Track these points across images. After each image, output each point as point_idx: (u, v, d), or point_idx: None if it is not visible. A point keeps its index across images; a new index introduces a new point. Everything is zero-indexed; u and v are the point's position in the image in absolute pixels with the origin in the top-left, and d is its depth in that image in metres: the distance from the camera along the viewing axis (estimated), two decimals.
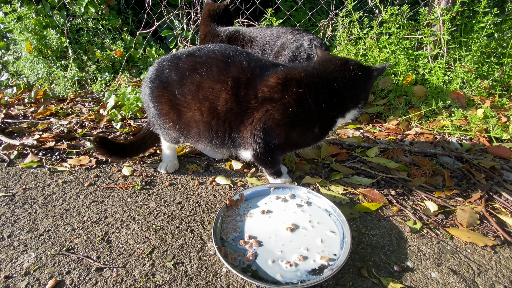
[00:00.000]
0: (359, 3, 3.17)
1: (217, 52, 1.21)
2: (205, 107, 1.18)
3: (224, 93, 1.15)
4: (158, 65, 1.27)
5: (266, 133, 1.16)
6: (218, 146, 1.28)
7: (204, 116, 1.20)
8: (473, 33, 2.05)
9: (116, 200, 1.27)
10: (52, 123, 2.04)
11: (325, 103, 1.15)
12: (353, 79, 1.16)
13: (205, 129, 1.22)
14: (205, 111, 1.19)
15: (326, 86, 1.15)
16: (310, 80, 1.15)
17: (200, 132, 1.24)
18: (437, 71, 2.03)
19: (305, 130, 1.20)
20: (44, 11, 3.06)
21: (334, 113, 1.21)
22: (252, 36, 1.94)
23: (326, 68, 1.18)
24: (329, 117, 1.21)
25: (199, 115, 1.20)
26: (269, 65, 1.22)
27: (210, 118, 1.19)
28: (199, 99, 1.18)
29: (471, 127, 1.79)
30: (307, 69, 1.19)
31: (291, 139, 1.20)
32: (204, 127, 1.22)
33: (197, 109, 1.20)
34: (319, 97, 1.15)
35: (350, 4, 2.27)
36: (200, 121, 1.21)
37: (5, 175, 1.43)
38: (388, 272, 0.93)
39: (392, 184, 1.36)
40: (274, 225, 1.08)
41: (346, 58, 1.22)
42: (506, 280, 0.92)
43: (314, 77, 1.16)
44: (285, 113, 1.14)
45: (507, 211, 1.20)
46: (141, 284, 0.89)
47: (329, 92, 1.15)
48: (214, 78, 1.16)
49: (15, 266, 0.94)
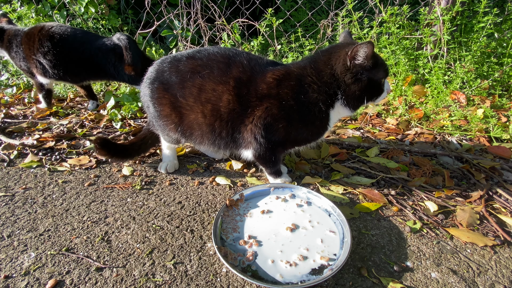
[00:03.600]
0: (359, 3, 3.17)
1: (217, 53, 1.21)
2: (208, 109, 1.18)
3: (226, 94, 1.15)
4: (158, 66, 1.27)
5: (266, 130, 1.17)
6: (221, 148, 1.28)
7: (207, 119, 1.19)
8: (473, 33, 2.05)
9: (116, 200, 1.27)
10: (52, 123, 2.04)
11: (315, 95, 1.15)
12: (333, 71, 1.14)
13: (208, 131, 1.22)
14: (208, 113, 1.19)
15: (314, 78, 1.15)
16: (300, 73, 1.16)
17: (203, 134, 1.24)
18: (437, 71, 2.03)
19: (302, 124, 1.19)
20: (44, 11, 3.06)
21: (324, 105, 1.17)
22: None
23: (316, 60, 1.18)
24: (322, 110, 1.18)
25: (202, 117, 1.20)
26: (269, 63, 1.23)
27: (213, 120, 1.19)
28: (202, 102, 1.18)
29: (471, 127, 1.79)
30: (301, 63, 1.20)
31: (290, 134, 1.20)
32: (207, 129, 1.22)
33: (200, 111, 1.19)
34: (309, 89, 1.14)
35: (350, 4, 2.27)
36: (203, 124, 1.21)
37: (5, 175, 1.43)
38: (388, 272, 0.93)
39: (392, 184, 1.36)
40: (274, 225, 1.08)
41: (335, 48, 1.18)
42: (506, 280, 0.92)
43: (305, 70, 1.17)
44: (281, 107, 1.14)
45: (507, 211, 1.20)
46: (141, 284, 0.89)
47: (317, 84, 1.15)
48: (215, 79, 1.16)
49: (15, 266, 0.94)
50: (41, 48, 1.95)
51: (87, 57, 1.99)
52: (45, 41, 1.94)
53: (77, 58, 1.99)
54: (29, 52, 2.00)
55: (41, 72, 2.05)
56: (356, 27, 2.39)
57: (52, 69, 2.01)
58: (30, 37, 1.98)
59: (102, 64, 2.01)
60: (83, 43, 1.99)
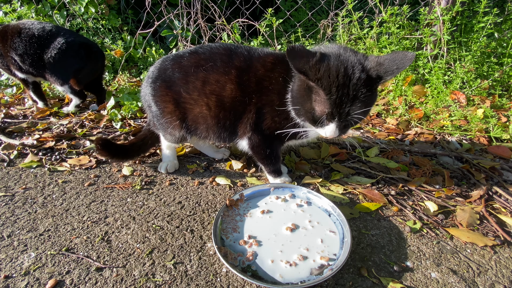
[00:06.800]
0: (359, 3, 3.17)
1: (220, 47, 1.22)
2: (213, 101, 1.19)
3: (229, 83, 1.17)
4: (160, 65, 1.28)
5: (257, 116, 1.17)
6: (226, 140, 1.29)
7: (212, 110, 1.21)
8: (473, 33, 2.05)
9: (116, 200, 1.27)
10: (52, 122, 2.04)
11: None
12: None
13: (213, 123, 1.23)
14: (212, 105, 1.20)
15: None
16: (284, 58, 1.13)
17: (209, 127, 1.25)
18: (437, 71, 2.03)
19: (280, 108, 1.14)
20: (44, 10, 3.06)
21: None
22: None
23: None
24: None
25: (207, 110, 1.21)
26: (270, 51, 1.23)
27: (218, 111, 1.20)
28: (206, 94, 1.19)
29: (471, 127, 1.79)
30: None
31: (274, 122, 1.18)
32: (212, 122, 1.23)
33: (205, 104, 1.21)
34: (285, 73, 1.11)
35: (350, 4, 2.27)
36: (208, 116, 1.22)
37: (5, 175, 1.43)
38: (388, 272, 0.93)
39: (392, 184, 1.36)
40: (274, 225, 1.07)
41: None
42: (506, 280, 0.92)
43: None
44: (267, 91, 1.14)
45: (507, 211, 1.20)
46: (141, 284, 0.89)
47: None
48: (219, 71, 1.17)
49: (15, 266, 0.94)
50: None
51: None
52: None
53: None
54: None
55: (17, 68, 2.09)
56: (356, 27, 2.39)
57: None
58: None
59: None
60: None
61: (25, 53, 2.00)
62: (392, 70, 0.93)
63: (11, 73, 2.17)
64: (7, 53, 2.03)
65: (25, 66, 2.06)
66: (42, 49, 2.01)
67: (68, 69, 2.08)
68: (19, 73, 2.13)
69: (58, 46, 2.00)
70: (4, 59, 2.08)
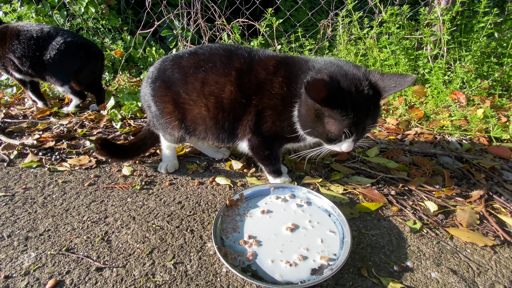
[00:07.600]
0: (359, 3, 3.17)
1: (220, 48, 1.22)
2: (211, 102, 1.19)
3: (229, 85, 1.16)
4: (160, 65, 1.28)
5: (257, 119, 1.17)
6: (224, 141, 1.29)
7: (211, 112, 1.20)
8: (473, 33, 2.05)
9: (116, 200, 1.27)
10: (52, 122, 2.04)
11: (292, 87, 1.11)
12: None
13: (212, 124, 1.23)
14: (211, 106, 1.20)
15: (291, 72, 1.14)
16: (288, 61, 1.16)
17: (207, 128, 1.25)
18: (437, 71, 2.03)
19: (284, 115, 1.15)
20: (44, 10, 3.06)
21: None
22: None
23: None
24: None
25: (206, 110, 1.21)
26: (271, 53, 1.23)
27: (217, 113, 1.20)
28: (205, 95, 1.19)
29: (471, 127, 1.79)
30: (295, 57, 1.20)
31: (276, 126, 1.18)
32: (211, 123, 1.23)
33: (204, 105, 1.20)
34: (289, 81, 1.12)
35: (350, 4, 2.26)
36: (207, 117, 1.22)
37: (5, 175, 1.43)
38: (388, 272, 0.93)
39: (392, 184, 1.36)
40: (274, 225, 1.07)
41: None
42: (506, 280, 0.92)
43: (290, 61, 1.16)
44: (269, 95, 1.14)
45: (507, 211, 1.20)
46: (141, 284, 0.89)
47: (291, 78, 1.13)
48: (218, 72, 1.17)
49: (15, 266, 0.94)
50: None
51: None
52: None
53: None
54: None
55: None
56: (356, 27, 2.39)
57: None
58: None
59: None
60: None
61: (24, 56, 2.00)
62: (394, 86, 1.00)
63: (9, 73, 2.17)
64: (5, 54, 2.03)
65: (24, 68, 2.05)
66: (41, 51, 2.00)
67: (68, 69, 2.08)
68: (17, 74, 2.13)
69: (57, 46, 2.00)
70: (1, 60, 2.08)
